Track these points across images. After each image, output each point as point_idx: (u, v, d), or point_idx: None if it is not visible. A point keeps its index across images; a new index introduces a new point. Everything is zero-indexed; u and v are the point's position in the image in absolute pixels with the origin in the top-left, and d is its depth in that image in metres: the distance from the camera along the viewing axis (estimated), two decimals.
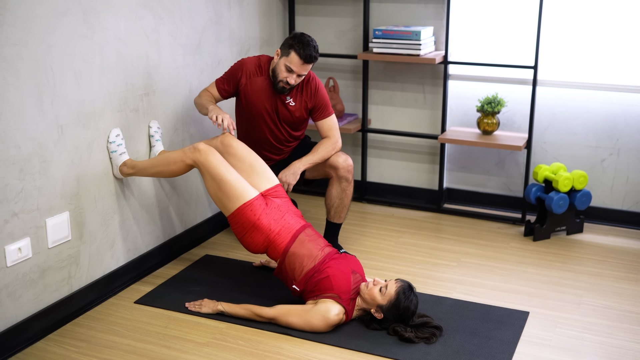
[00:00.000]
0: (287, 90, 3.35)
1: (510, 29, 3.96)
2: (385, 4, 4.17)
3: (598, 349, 2.78)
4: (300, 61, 3.22)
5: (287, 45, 3.25)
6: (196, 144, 3.07)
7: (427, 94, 4.22)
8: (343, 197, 3.48)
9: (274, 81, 3.34)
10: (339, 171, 3.44)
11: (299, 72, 3.25)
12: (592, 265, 3.52)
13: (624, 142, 3.89)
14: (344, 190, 3.47)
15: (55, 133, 2.81)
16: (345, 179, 3.45)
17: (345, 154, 3.50)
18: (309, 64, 3.26)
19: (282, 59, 3.27)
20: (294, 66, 3.23)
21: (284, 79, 3.28)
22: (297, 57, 3.22)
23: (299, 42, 3.21)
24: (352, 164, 3.46)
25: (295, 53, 3.21)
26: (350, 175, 3.46)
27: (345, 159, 3.45)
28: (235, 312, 2.96)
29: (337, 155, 3.46)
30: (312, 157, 3.43)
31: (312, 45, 3.23)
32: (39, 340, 2.82)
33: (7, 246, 2.66)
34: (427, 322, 2.84)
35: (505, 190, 4.22)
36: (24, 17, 2.61)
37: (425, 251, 3.70)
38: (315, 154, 3.43)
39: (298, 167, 3.39)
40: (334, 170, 3.45)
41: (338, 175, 3.45)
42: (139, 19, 3.20)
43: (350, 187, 3.48)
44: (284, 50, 3.26)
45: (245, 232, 3.00)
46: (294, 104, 3.43)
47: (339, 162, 3.44)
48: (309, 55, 3.21)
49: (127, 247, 3.29)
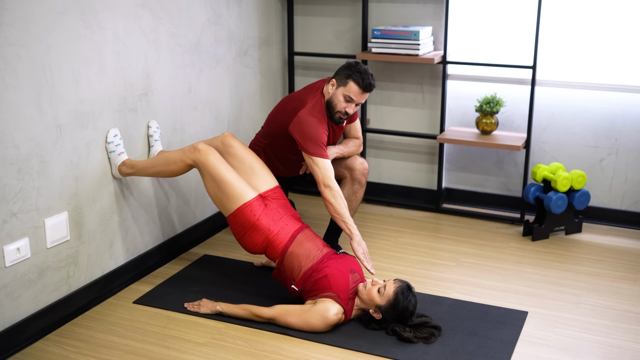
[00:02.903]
0: (344, 120, 3.31)
1: (509, 29, 3.96)
2: (384, 4, 4.17)
3: (597, 348, 2.78)
4: (360, 90, 3.18)
5: (344, 75, 3.20)
6: (196, 144, 3.07)
7: (426, 94, 4.22)
8: (353, 199, 3.48)
9: (331, 113, 3.27)
10: (355, 173, 3.46)
11: (358, 101, 3.22)
12: (590, 265, 3.52)
13: (623, 142, 3.89)
14: (355, 193, 3.48)
15: (53, 133, 2.81)
16: (359, 182, 3.47)
17: (362, 157, 3.51)
18: (368, 93, 3.23)
19: (340, 90, 3.21)
20: (354, 95, 3.19)
21: (343, 109, 3.24)
22: (356, 87, 3.18)
23: (357, 72, 3.18)
24: (368, 168, 3.49)
25: (355, 83, 3.17)
26: (364, 179, 3.48)
27: (362, 162, 3.47)
28: (234, 312, 2.96)
29: (354, 157, 3.48)
30: (343, 149, 3.43)
31: (370, 73, 3.20)
32: (37, 341, 2.82)
33: (6, 246, 2.65)
34: (426, 322, 2.84)
35: (504, 190, 4.22)
36: (22, 17, 2.61)
37: (424, 251, 3.70)
38: (347, 146, 3.45)
39: (333, 152, 3.37)
40: (350, 172, 3.47)
41: (352, 177, 3.47)
42: (138, 19, 3.20)
43: (361, 191, 3.49)
44: (341, 81, 3.21)
45: (245, 232, 3.00)
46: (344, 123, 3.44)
47: (355, 165, 3.46)
48: (368, 84, 3.18)
49: (126, 247, 3.29)
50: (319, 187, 3.16)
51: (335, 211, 3.12)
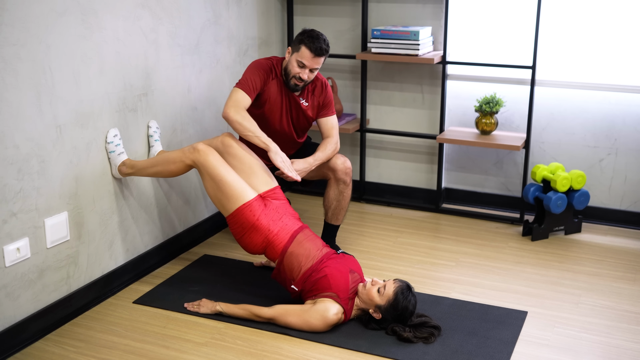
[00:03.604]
0: (300, 87, 3.34)
1: (509, 29, 3.96)
2: (384, 4, 4.17)
3: (596, 348, 2.78)
4: (311, 55, 3.22)
5: (297, 41, 3.26)
6: (195, 144, 3.07)
7: (426, 94, 4.23)
8: (341, 199, 3.47)
9: (287, 79, 3.33)
10: (337, 173, 3.44)
11: (311, 66, 3.25)
12: (590, 265, 3.52)
13: (622, 142, 3.89)
14: (341, 193, 3.47)
15: (53, 133, 2.81)
16: (343, 182, 3.45)
17: (344, 156, 3.49)
18: (320, 57, 3.25)
19: (294, 55, 3.27)
20: (306, 60, 3.23)
21: (297, 74, 3.28)
22: (307, 51, 3.22)
23: (309, 37, 3.22)
24: (350, 167, 3.46)
25: (306, 47, 3.22)
26: (348, 178, 3.45)
27: (343, 161, 3.45)
28: (234, 313, 2.96)
29: (336, 157, 3.45)
30: (322, 155, 3.40)
31: (322, 38, 3.24)
32: (37, 341, 2.82)
33: (6, 246, 2.66)
34: (426, 322, 2.84)
35: (503, 190, 4.23)
36: (22, 17, 2.61)
37: (424, 251, 3.70)
38: (324, 151, 3.41)
39: (312, 163, 3.35)
40: (332, 172, 3.45)
41: (336, 178, 3.45)
42: (138, 19, 3.20)
43: (348, 190, 3.48)
44: (295, 47, 3.27)
45: (244, 232, 3.00)
46: (307, 103, 3.44)
47: (337, 165, 3.43)
48: (319, 48, 3.22)
49: (125, 247, 3.29)
50: (224, 110, 3.19)
51: (245, 129, 3.16)
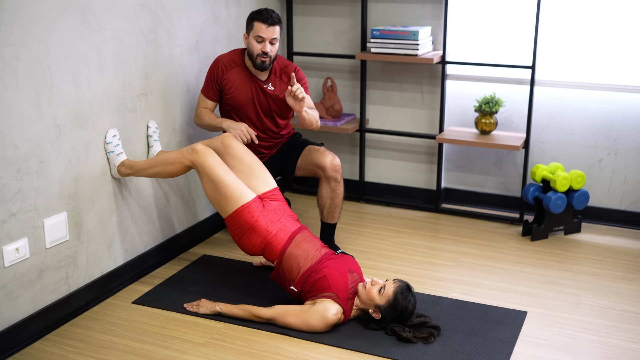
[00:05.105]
0: (267, 64, 3.39)
1: (508, 29, 3.96)
2: (383, 4, 4.17)
3: (596, 348, 2.78)
4: (264, 25, 3.32)
5: (248, 22, 3.41)
6: (194, 145, 3.07)
7: (425, 94, 4.22)
8: (334, 197, 3.47)
9: (253, 61, 3.40)
10: (327, 171, 3.44)
11: (269, 37, 3.33)
12: (590, 265, 3.52)
13: (622, 141, 3.89)
14: (333, 190, 3.47)
15: (52, 133, 2.81)
16: (334, 179, 3.45)
17: (333, 153, 3.48)
18: (274, 26, 3.34)
19: (251, 35, 3.38)
20: (262, 32, 3.33)
21: (259, 50, 3.35)
22: (259, 24, 3.33)
23: (256, 13, 3.37)
24: (339, 164, 3.46)
25: (257, 21, 3.34)
26: (338, 175, 3.45)
27: (332, 158, 3.45)
28: (233, 313, 2.95)
29: (325, 155, 3.45)
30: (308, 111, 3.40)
31: (269, 10, 3.36)
32: (36, 341, 2.82)
33: (5, 246, 2.65)
34: (425, 322, 2.84)
35: (503, 190, 4.23)
36: (21, 17, 2.60)
37: (423, 251, 3.70)
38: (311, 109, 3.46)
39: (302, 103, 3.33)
40: (322, 170, 3.45)
41: (326, 176, 3.45)
42: (137, 19, 3.19)
43: (340, 187, 3.48)
44: (248, 27, 3.39)
45: (243, 233, 2.99)
46: (272, 88, 3.48)
47: (326, 162, 3.43)
48: (269, 17, 3.33)
49: (125, 247, 3.28)
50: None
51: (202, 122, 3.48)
